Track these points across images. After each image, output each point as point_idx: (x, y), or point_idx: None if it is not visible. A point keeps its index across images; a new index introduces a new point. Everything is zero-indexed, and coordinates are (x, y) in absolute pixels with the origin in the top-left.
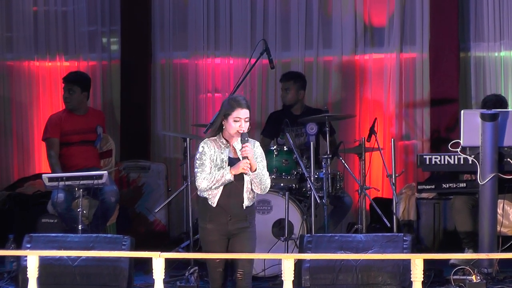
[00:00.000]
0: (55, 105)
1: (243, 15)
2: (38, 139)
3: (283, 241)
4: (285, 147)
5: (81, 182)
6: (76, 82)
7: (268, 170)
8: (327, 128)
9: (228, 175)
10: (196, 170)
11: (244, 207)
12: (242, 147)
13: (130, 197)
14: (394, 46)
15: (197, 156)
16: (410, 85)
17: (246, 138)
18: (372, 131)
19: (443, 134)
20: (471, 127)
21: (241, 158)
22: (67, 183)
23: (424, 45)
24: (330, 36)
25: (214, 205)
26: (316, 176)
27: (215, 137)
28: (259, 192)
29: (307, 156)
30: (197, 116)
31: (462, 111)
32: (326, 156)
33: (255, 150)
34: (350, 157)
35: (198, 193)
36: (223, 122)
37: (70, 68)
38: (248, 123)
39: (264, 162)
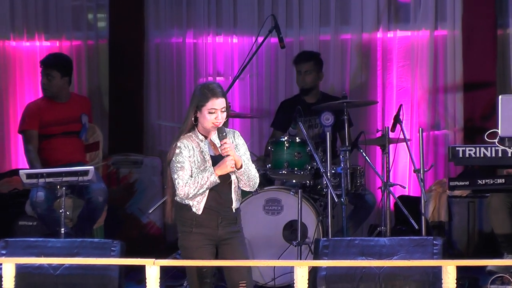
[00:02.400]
0: (34, 91)
1: None
2: (14, 130)
3: (295, 245)
4: (297, 138)
5: (64, 179)
6: (55, 66)
7: (278, 165)
8: (345, 117)
9: (213, 177)
10: (174, 175)
11: (233, 209)
12: (221, 145)
13: (120, 195)
14: (421, 22)
15: (174, 159)
16: (440, 67)
17: (224, 133)
18: (397, 120)
19: (478, 123)
20: (510, 115)
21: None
22: (47, 180)
23: (456, 21)
24: (349, 11)
25: (200, 212)
26: (333, 171)
27: (190, 133)
28: (247, 190)
29: (323, 148)
30: None
31: (499, 97)
32: (344, 149)
33: (236, 142)
34: (372, 149)
35: (178, 199)
36: (197, 115)
37: (51, 49)
38: (225, 113)
39: (248, 154)
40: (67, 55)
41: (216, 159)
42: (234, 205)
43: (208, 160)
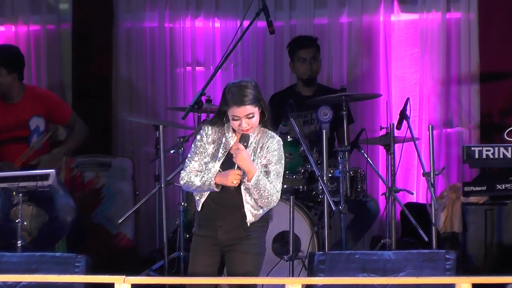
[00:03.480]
0: None
1: None
2: None
3: (287, 260)
4: (289, 136)
5: (21, 184)
6: (0, 61)
7: None
8: (344, 112)
9: (211, 184)
10: (187, 157)
11: (248, 223)
12: (235, 152)
13: (86, 203)
14: (431, 4)
15: (194, 143)
16: (453, 55)
17: (245, 143)
18: (403, 116)
19: (497, 119)
20: None
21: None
22: (2, 185)
23: (472, 2)
24: None
25: (199, 208)
26: (330, 175)
27: (224, 123)
28: (262, 206)
29: (318, 148)
30: (173, 97)
31: None
32: (343, 149)
33: (268, 149)
34: (375, 149)
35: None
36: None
37: (6, 34)
38: (254, 118)
39: (279, 167)
40: (16, 47)
41: (231, 160)
42: (249, 218)
43: (219, 158)
